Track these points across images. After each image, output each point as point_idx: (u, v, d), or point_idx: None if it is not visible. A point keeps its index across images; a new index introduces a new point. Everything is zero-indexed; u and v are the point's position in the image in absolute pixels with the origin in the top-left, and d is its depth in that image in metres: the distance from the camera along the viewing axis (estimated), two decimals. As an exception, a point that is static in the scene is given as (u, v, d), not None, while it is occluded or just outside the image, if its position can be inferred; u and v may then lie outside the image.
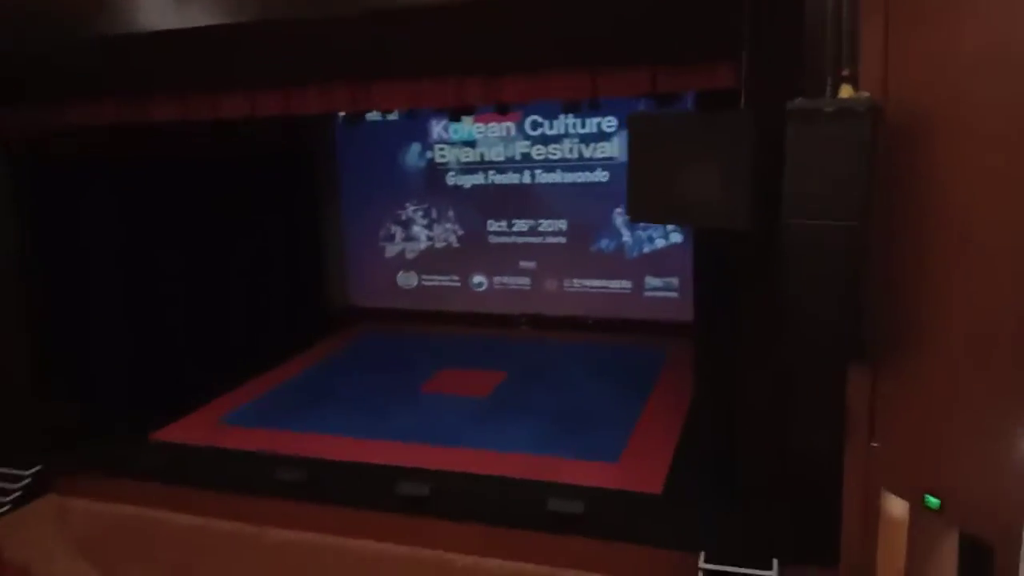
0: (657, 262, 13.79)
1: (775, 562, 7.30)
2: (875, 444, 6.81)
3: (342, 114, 10.92)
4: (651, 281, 13.89)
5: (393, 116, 14.37)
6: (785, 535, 7.56)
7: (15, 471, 9.67)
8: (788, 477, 7.69)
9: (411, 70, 7.59)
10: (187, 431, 10.73)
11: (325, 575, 8.09)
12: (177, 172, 11.86)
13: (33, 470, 9.69)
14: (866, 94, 5.77)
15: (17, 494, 9.45)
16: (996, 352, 5.63)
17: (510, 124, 14.14)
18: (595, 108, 10.51)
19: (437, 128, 14.76)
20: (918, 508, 6.54)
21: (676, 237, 13.57)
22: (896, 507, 6.86)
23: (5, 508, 9.29)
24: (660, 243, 13.71)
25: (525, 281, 14.70)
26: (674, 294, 13.75)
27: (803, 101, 5.82)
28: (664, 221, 8.41)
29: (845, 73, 5.83)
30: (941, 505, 6.19)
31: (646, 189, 6.55)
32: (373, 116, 13.74)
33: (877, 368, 6.54)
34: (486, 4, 6.75)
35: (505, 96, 7.53)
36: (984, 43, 5.39)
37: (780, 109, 5.83)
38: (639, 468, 9.04)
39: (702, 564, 7.37)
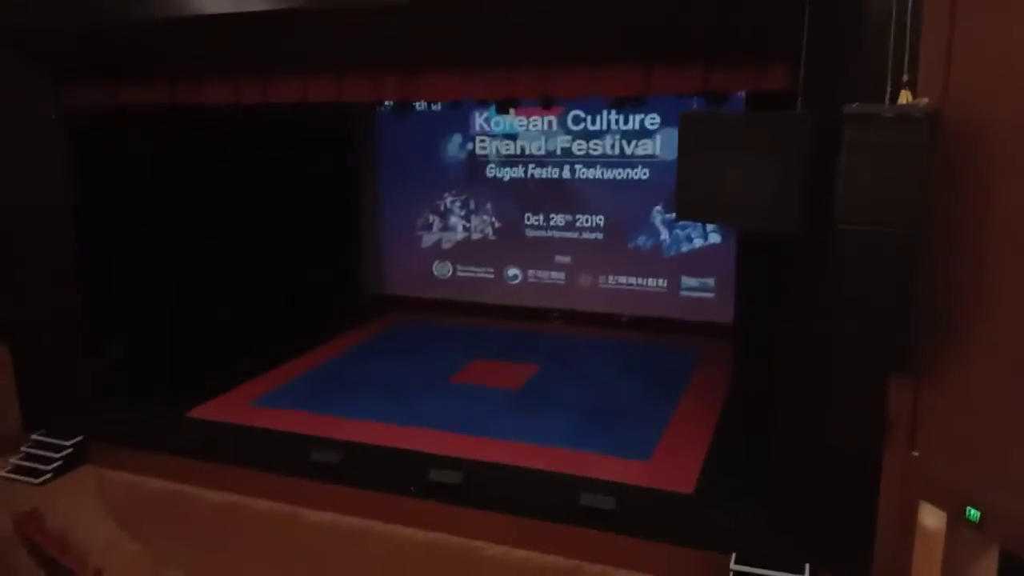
0: (694, 262, 13.73)
1: (807, 566, 7.25)
2: (916, 453, 6.75)
3: (388, 102, 10.99)
4: (687, 281, 13.82)
5: (435, 106, 14.50)
6: (818, 540, 7.52)
7: (57, 440, 9.91)
8: (824, 482, 7.65)
9: (461, 60, 7.62)
10: (221, 410, 10.90)
11: (356, 557, 8.17)
12: (220, 143, 12.06)
13: (74, 440, 9.92)
14: (925, 100, 5.71)
15: (58, 463, 9.68)
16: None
17: (552, 118, 14.14)
18: (639, 105, 10.46)
19: (479, 120, 14.80)
20: (957, 520, 6.48)
21: (715, 238, 13.49)
22: (934, 518, 6.79)
23: (47, 476, 9.52)
24: (698, 243, 13.64)
25: (560, 276, 14.71)
26: (710, 295, 13.68)
27: (861, 106, 5.77)
28: (712, 220, 8.35)
29: (905, 79, 5.78)
30: (981, 518, 6.13)
31: (695, 188, 6.53)
32: (417, 105, 13.80)
33: (921, 376, 6.48)
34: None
35: (557, 90, 7.54)
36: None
37: (837, 113, 5.80)
38: (671, 467, 9.03)
39: (733, 565, 7.35)
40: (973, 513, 6.18)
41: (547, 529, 8.13)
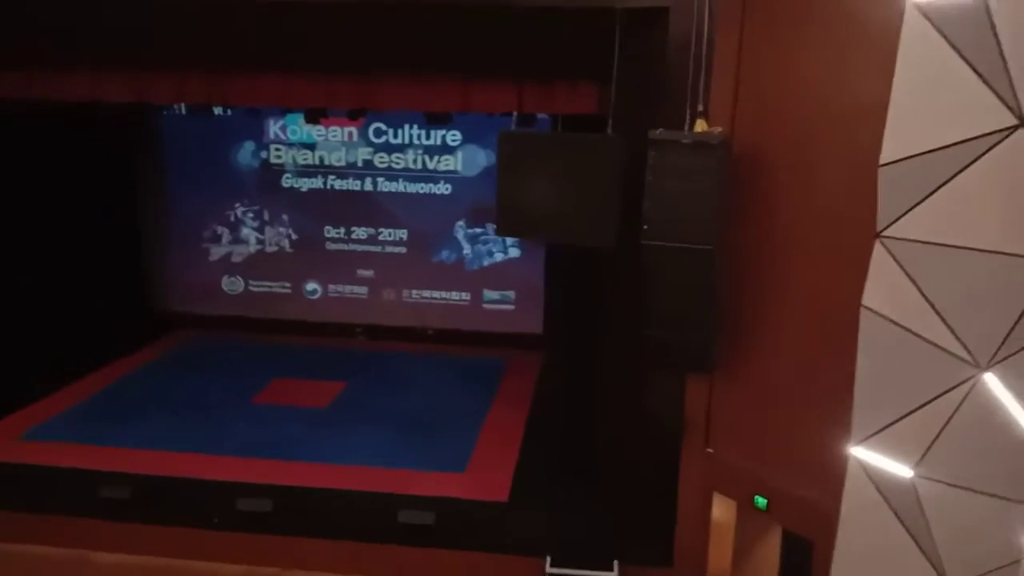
0: (496, 275, 14.08)
1: (616, 563, 7.68)
2: (710, 450, 7.43)
3: (180, 104, 10.24)
4: (489, 294, 14.15)
5: (227, 111, 13.67)
6: (625, 536, 8.02)
7: None
8: (630, 480, 8.17)
9: (276, 65, 7.30)
10: (-18, 447, 9.57)
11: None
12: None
13: None
14: (719, 129, 6.34)
15: None
16: (818, 364, 6.36)
17: (352, 129, 13.90)
18: (448, 122, 10.59)
19: (274, 127, 14.16)
20: (747, 509, 7.21)
21: (514, 252, 13.94)
22: (724, 509, 7.50)
23: None
24: (499, 257, 14.02)
25: (363, 290, 14.45)
26: (511, 307, 14.10)
27: (664, 132, 6.29)
28: (532, 236, 8.66)
29: (700, 108, 6.38)
30: (768, 505, 6.87)
31: (515, 205, 6.74)
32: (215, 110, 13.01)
33: (714, 376, 7.15)
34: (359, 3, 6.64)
35: (375, 102, 7.44)
36: (821, 97, 6.11)
37: (643, 136, 6.27)
38: (486, 477, 9.19)
39: (548, 568, 7.63)
40: (761, 501, 6.92)
41: (365, 551, 7.99)
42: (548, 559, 7.69)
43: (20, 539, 8.06)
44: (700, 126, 6.35)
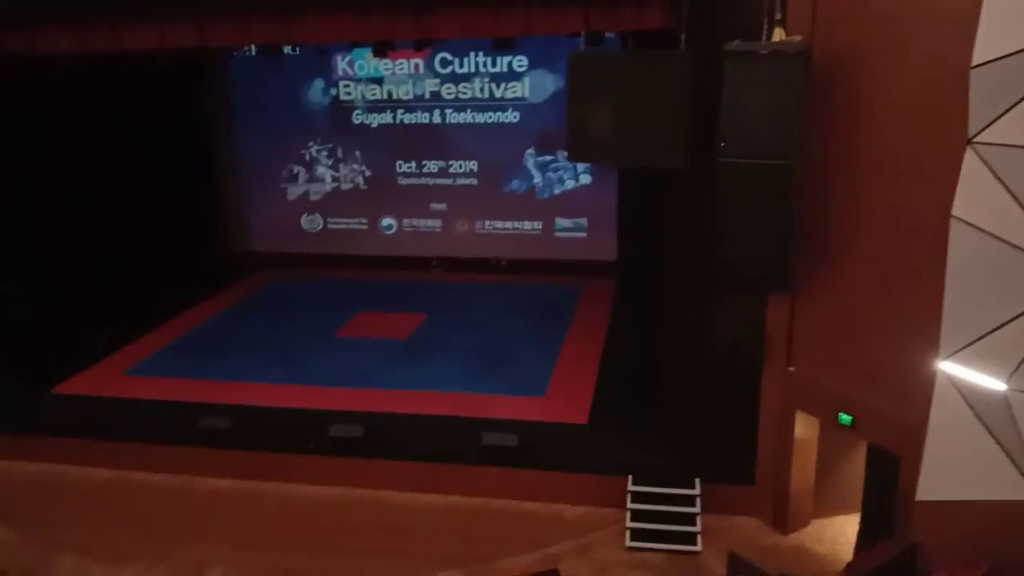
0: (567, 203, 14.04)
1: (697, 481, 7.78)
2: (792, 368, 7.37)
3: (250, 47, 10.35)
4: (561, 222, 14.13)
5: (294, 50, 13.77)
6: (706, 454, 8.09)
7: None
8: (709, 399, 8.20)
9: (337, 2, 7.29)
10: (92, 383, 10.22)
11: (260, 520, 7.99)
12: (58, 94, 10.92)
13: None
14: (798, 37, 6.08)
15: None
16: (902, 280, 6.17)
17: (418, 61, 13.85)
18: (510, 46, 10.42)
19: (342, 63, 14.25)
20: (830, 426, 7.16)
21: (585, 179, 13.83)
22: (807, 426, 7.47)
23: None
24: (570, 185, 13.93)
25: (436, 223, 14.65)
26: (583, 234, 14.06)
27: (740, 44, 6.06)
28: (603, 161, 8.56)
29: (778, 17, 6.11)
30: (853, 421, 6.80)
31: (586, 129, 6.66)
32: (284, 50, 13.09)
33: (796, 295, 7.04)
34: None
35: (438, 32, 7.38)
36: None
37: (717, 51, 6.06)
38: (565, 400, 9.37)
39: (631, 487, 7.78)
40: (845, 417, 6.85)
41: (451, 471, 8.28)
42: (630, 477, 7.83)
43: (130, 466, 8.65)
44: (778, 35, 6.10)
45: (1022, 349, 5.23)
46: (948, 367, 5.64)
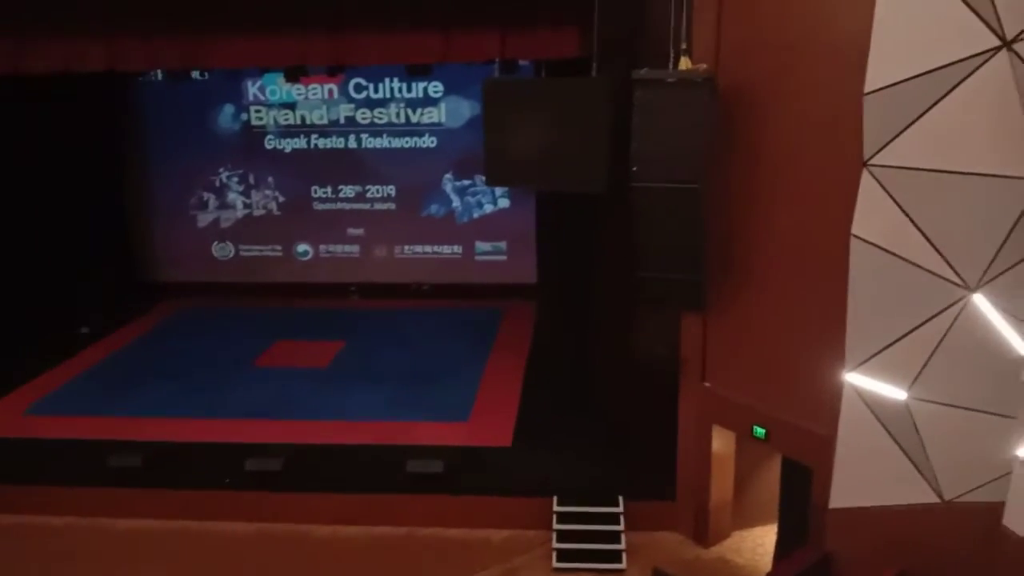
0: (486, 227, 14.10)
1: (620, 499, 7.88)
2: (707, 384, 7.58)
3: (158, 72, 10.05)
4: (481, 246, 14.18)
5: (203, 75, 13.42)
6: (628, 472, 8.21)
7: None
8: (629, 417, 8.33)
9: (250, 25, 7.17)
10: (-12, 424, 9.66)
11: (180, 561, 7.66)
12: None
13: None
14: (703, 66, 6.32)
15: None
16: (807, 296, 6.44)
17: (332, 86, 13.72)
18: (428, 72, 10.47)
19: (252, 88, 13.99)
20: (746, 439, 7.38)
21: (504, 202, 13.94)
22: (724, 441, 7.68)
23: None
24: (489, 208, 14.02)
25: (354, 249, 14.46)
26: (503, 257, 14.14)
27: (648, 71, 6.26)
28: (522, 185, 8.64)
29: (683, 46, 6.34)
30: (767, 435, 7.04)
31: (503, 153, 6.72)
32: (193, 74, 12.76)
33: (708, 312, 7.26)
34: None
35: (352, 58, 7.35)
36: (803, 28, 6.09)
37: (627, 78, 6.25)
38: (489, 423, 9.37)
39: (556, 507, 7.82)
40: (759, 431, 7.08)
41: (375, 501, 8.15)
42: (555, 498, 7.88)
43: (33, 511, 8.18)
44: (684, 64, 6.32)
45: (921, 359, 5.52)
46: (854, 378, 5.90)
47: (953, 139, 4.99)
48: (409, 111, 13.74)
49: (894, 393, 5.67)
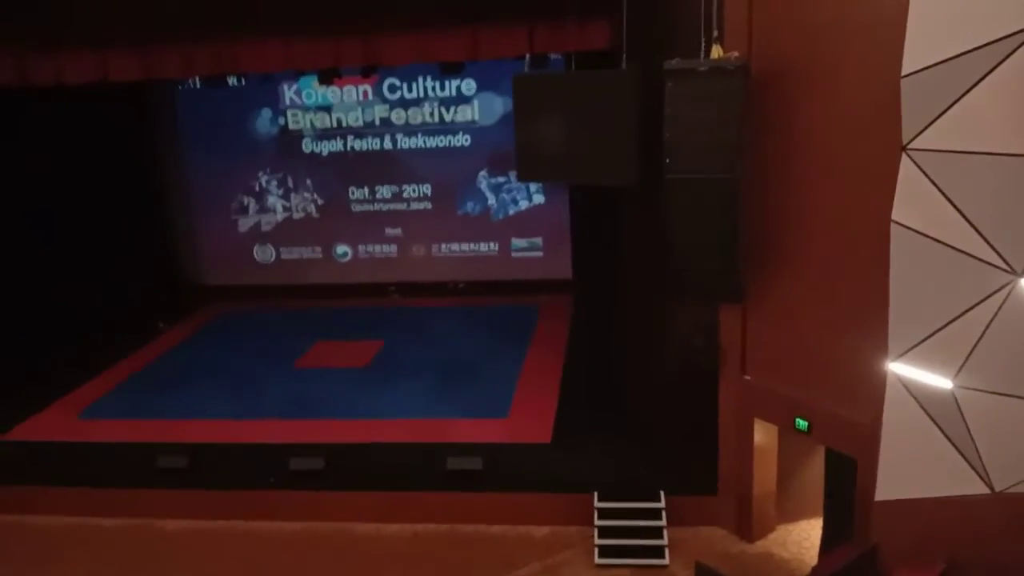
0: (522, 223, 14.10)
1: (662, 493, 7.82)
2: (747, 377, 7.48)
3: (195, 79, 10.25)
4: (517, 242, 14.19)
5: (239, 80, 13.64)
6: (669, 466, 8.14)
7: None
8: (669, 411, 8.26)
9: (282, 30, 7.27)
10: (45, 428, 9.94)
11: (225, 560, 7.81)
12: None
13: None
14: (735, 53, 6.23)
15: None
16: (848, 285, 6.32)
17: (367, 87, 13.85)
18: (457, 70, 10.50)
19: (288, 92, 14.18)
20: (788, 432, 7.27)
21: (539, 198, 13.92)
22: (766, 433, 7.58)
23: None
24: (524, 204, 14.02)
25: (392, 249, 14.58)
26: (539, 253, 14.13)
27: (679, 61, 6.19)
28: (553, 179, 8.59)
29: (715, 34, 6.25)
30: (809, 427, 6.92)
31: (534, 148, 6.72)
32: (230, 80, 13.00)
33: (747, 304, 7.16)
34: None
35: (385, 58, 7.40)
36: (835, 13, 5.97)
37: (658, 69, 6.18)
38: (528, 420, 9.36)
39: (597, 503, 7.79)
40: (802, 423, 6.97)
41: (416, 499, 8.21)
42: (596, 494, 7.84)
43: (86, 512, 8.39)
44: (716, 52, 6.23)
45: (966, 346, 5.38)
46: (898, 368, 5.78)
47: (995, 120, 4.86)
48: (443, 110, 13.80)
49: (939, 382, 5.54)
